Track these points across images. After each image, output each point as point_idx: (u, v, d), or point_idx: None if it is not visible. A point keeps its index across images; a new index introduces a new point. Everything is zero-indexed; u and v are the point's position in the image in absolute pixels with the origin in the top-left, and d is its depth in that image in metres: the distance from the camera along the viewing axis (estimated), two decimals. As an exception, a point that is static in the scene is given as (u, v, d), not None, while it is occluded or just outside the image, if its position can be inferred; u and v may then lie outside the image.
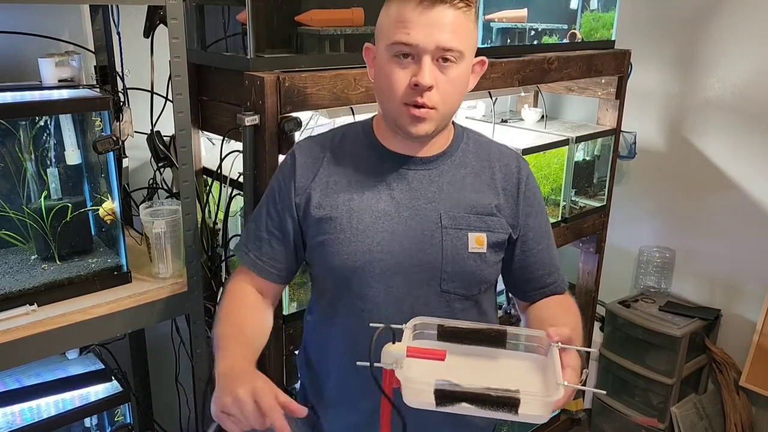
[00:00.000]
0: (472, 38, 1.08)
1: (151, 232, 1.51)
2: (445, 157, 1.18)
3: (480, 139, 1.25)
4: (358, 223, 1.13)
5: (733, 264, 2.56)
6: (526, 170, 1.22)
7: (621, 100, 2.34)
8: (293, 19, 1.51)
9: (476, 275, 1.15)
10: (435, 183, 1.15)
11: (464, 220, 1.14)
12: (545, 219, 1.25)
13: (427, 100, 1.04)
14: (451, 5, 1.02)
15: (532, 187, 1.22)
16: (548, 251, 1.24)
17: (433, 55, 1.03)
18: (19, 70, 1.62)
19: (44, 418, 1.43)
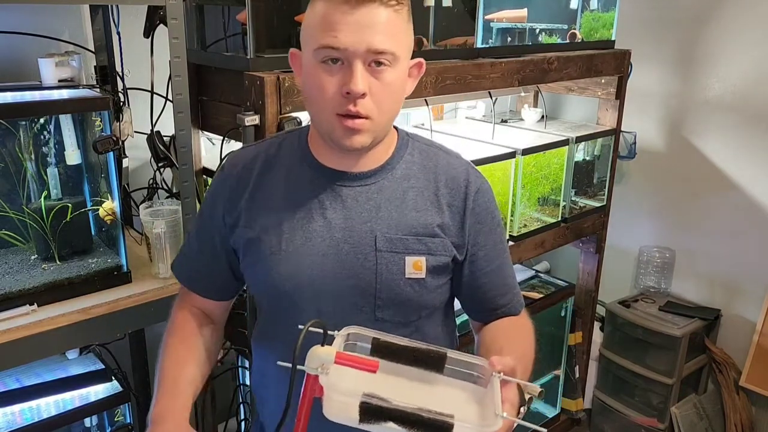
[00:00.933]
0: (407, 39, 0.98)
1: (151, 232, 1.51)
2: (384, 171, 1.06)
3: (427, 149, 1.11)
4: (287, 245, 1.03)
5: (733, 264, 2.56)
6: (476, 183, 1.09)
7: (621, 100, 2.34)
8: (293, 19, 1.51)
9: (413, 302, 1.04)
10: (372, 200, 1.04)
11: (401, 242, 1.03)
12: (500, 236, 1.13)
13: (361, 108, 0.94)
14: (381, 3, 0.92)
15: (484, 201, 1.09)
16: (501, 270, 1.13)
17: (365, 59, 0.93)
18: (19, 70, 1.62)
19: (44, 418, 1.43)
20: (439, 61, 1.71)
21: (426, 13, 1.72)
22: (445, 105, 2.46)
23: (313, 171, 1.06)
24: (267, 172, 1.08)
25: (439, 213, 1.06)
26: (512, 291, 1.15)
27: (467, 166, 1.12)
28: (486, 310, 1.14)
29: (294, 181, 1.06)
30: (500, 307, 1.14)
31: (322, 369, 0.81)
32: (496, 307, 1.14)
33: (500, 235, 1.14)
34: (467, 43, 1.83)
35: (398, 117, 1.07)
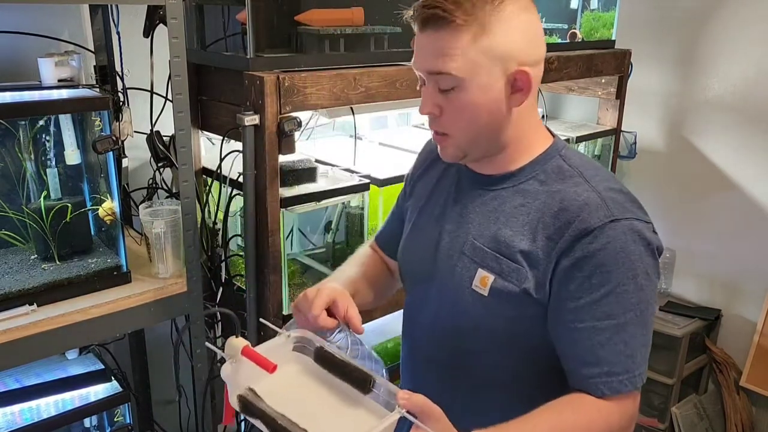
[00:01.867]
0: (477, 56, 0.92)
1: (151, 232, 1.51)
2: (507, 180, 1.03)
3: (567, 170, 1.00)
4: (417, 220, 1.15)
5: (734, 264, 2.56)
6: (592, 223, 0.93)
7: (621, 100, 2.34)
8: (293, 18, 1.51)
9: (470, 317, 1.02)
10: (484, 206, 1.05)
11: (482, 253, 1.01)
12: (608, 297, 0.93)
13: (436, 126, 1.00)
14: (438, 26, 0.92)
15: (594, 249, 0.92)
16: (593, 335, 0.94)
17: (430, 81, 0.97)
18: (18, 70, 1.62)
19: (44, 418, 1.42)
20: (439, 61, 1.71)
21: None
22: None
23: (459, 165, 1.11)
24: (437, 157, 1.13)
25: (531, 240, 0.97)
26: (601, 367, 0.93)
27: (596, 201, 0.95)
28: (568, 371, 0.98)
29: (449, 168, 1.14)
30: (581, 378, 0.95)
31: (233, 358, 0.89)
32: (576, 376, 0.96)
33: (611, 294, 0.93)
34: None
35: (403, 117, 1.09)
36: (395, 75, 1.59)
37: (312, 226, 1.96)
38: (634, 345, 0.94)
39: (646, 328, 0.96)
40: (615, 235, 0.92)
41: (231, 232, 1.70)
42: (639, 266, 0.93)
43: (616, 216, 0.93)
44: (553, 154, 1.03)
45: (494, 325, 1.01)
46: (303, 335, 0.96)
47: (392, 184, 1.69)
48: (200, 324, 1.56)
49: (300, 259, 1.89)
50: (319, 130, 2.00)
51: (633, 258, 0.93)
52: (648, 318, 0.96)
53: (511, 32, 0.93)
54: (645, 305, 0.95)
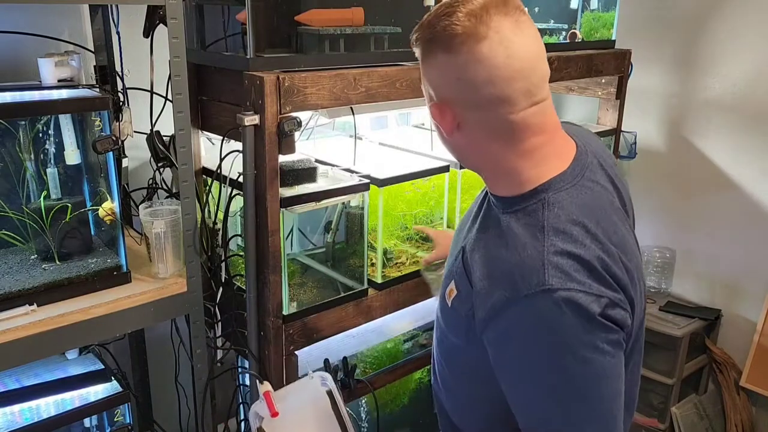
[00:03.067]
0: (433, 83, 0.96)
1: (151, 232, 1.51)
2: (503, 205, 0.97)
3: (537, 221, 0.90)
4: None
5: (734, 264, 2.56)
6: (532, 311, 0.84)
7: (621, 100, 2.34)
8: (293, 18, 1.51)
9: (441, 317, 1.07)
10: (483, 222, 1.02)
11: (459, 268, 0.99)
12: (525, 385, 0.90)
13: None
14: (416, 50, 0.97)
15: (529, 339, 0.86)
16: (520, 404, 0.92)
17: None
18: (18, 70, 1.62)
19: (44, 418, 1.42)
20: (439, 61, 1.71)
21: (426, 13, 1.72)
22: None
23: None
24: None
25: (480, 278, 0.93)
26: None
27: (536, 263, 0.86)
28: None
29: None
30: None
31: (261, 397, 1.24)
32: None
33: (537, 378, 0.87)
34: (467, 43, 1.83)
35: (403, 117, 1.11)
36: (395, 75, 1.59)
37: (312, 226, 1.96)
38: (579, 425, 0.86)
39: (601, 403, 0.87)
40: (546, 306, 0.83)
41: (231, 232, 1.70)
42: (575, 340, 0.84)
43: (551, 285, 0.83)
44: (539, 195, 0.93)
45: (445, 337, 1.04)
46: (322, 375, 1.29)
47: (392, 184, 1.69)
48: (200, 324, 1.56)
49: (300, 259, 1.89)
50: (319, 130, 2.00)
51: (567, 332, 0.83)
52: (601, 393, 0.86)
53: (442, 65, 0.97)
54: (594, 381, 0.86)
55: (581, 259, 0.86)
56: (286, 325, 1.58)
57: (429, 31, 0.91)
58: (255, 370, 1.63)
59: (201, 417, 1.70)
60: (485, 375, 0.95)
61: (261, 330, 1.59)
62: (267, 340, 1.58)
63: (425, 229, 1.72)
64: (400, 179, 1.70)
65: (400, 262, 1.83)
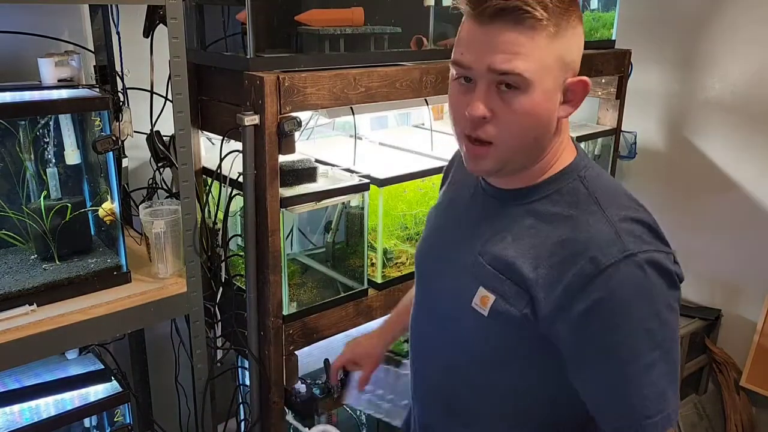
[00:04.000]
0: (548, 59, 0.85)
1: (151, 232, 1.51)
2: (521, 197, 0.97)
3: (583, 195, 0.92)
4: (433, 224, 1.15)
5: (734, 264, 2.56)
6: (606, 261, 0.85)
7: (621, 100, 2.34)
8: (293, 18, 1.51)
9: (469, 335, 0.99)
10: (495, 220, 0.98)
11: (485, 271, 0.95)
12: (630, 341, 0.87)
13: (482, 133, 0.88)
14: (513, 21, 0.83)
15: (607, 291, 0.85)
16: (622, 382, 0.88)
17: (490, 80, 0.86)
18: (18, 70, 1.61)
19: (44, 418, 1.42)
20: (440, 61, 1.71)
21: (426, 14, 1.72)
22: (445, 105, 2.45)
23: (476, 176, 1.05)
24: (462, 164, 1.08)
25: (533, 268, 0.91)
26: (634, 415, 0.87)
27: (609, 233, 0.87)
28: (594, 414, 0.94)
29: (467, 177, 1.08)
30: (609, 421, 0.91)
31: None
32: (605, 420, 0.92)
33: (632, 335, 0.86)
34: (467, 43, 1.83)
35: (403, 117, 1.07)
36: (395, 75, 1.59)
37: (312, 226, 1.96)
38: (663, 384, 0.88)
39: (675, 364, 0.89)
40: (631, 271, 0.85)
41: (231, 232, 1.70)
42: (661, 300, 0.87)
43: (630, 250, 0.86)
44: (572, 174, 0.95)
45: (489, 344, 0.97)
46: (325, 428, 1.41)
47: (392, 184, 1.69)
48: (200, 324, 1.56)
49: (300, 259, 1.89)
50: (319, 130, 2.00)
51: (653, 293, 0.86)
52: (675, 353, 0.89)
53: (575, 40, 0.88)
54: (671, 341, 0.88)
55: (643, 222, 0.90)
56: (286, 325, 1.58)
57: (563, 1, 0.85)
58: (255, 370, 1.63)
59: (201, 417, 1.70)
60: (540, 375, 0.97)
61: (261, 330, 1.59)
62: (267, 340, 1.58)
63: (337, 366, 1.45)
64: (400, 179, 1.71)
65: (400, 262, 1.84)
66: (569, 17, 0.86)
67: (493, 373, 1.00)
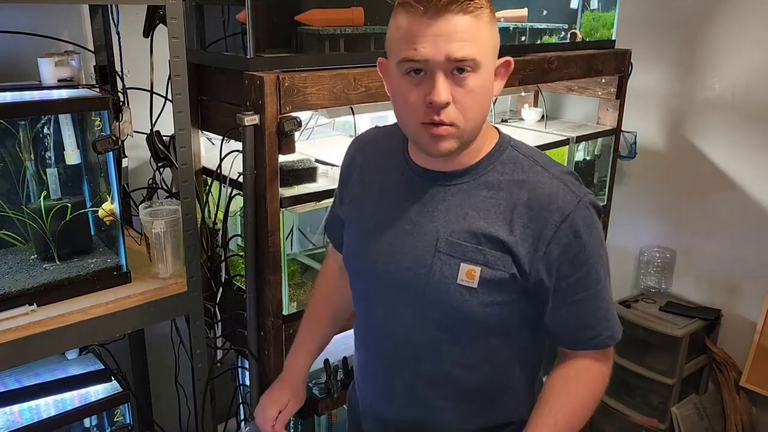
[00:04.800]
0: (489, 42, 0.97)
1: (151, 232, 1.51)
2: (468, 175, 1.06)
3: (523, 160, 1.07)
4: (365, 227, 1.14)
5: (734, 264, 2.56)
6: (567, 207, 1.01)
7: (621, 99, 2.34)
8: (293, 18, 1.51)
9: (461, 310, 1.04)
10: (446, 202, 1.06)
11: (460, 248, 1.03)
12: (593, 266, 1.04)
13: (445, 117, 0.96)
14: (461, 11, 0.93)
15: (574, 229, 1.01)
16: (591, 302, 1.06)
17: (446, 68, 0.94)
18: (18, 70, 1.62)
19: (44, 418, 1.42)
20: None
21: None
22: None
23: (405, 164, 1.12)
24: (375, 155, 1.18)
25: (508, 231, 1.02)
26: (601, 324, 1.08)
27: (561, 187, 1.03)
28: (568, 340, 1.10)
29: (390, 169, 1.14)
30: (584, 340, 1.09)
31: None
32: (580, 340, 1.09)
33: (594, 264, 1.04)
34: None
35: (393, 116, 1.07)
36: (395, 75, 1.59)
37: (312, 226, 1.96)
38: (611, 297, 1.09)
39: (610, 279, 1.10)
40: (584, 213, 1.03)
41: (231, 232, 1.70)
42: (601, 233, 1.07)
43: (579, 196, 1.03)
44: (504, 146, 1.08)
45: (486, 312, 1.05)
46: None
47: (392, 184, 1.69)
48: (200, 324, 1.56)
49: (300, 259, 1.89)
50: (319, 130, 2.00)
51: (598, 227, 1.06)
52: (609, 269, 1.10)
53: (496, 24, 1.00)
54: (608, 259, 1.09)
55: (573, 173, 1.08)
56: (286, 325, 1.58)
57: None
58: (255, 370, 1.63)
59: (201, 417, 1.70)
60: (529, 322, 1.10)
61: (261, 330, 1.59)
62: (267, 340, 1.58)
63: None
64: (400, 179, 1.70)
65: (400, 262, 1.83)
66: (493, 7, 0.98)
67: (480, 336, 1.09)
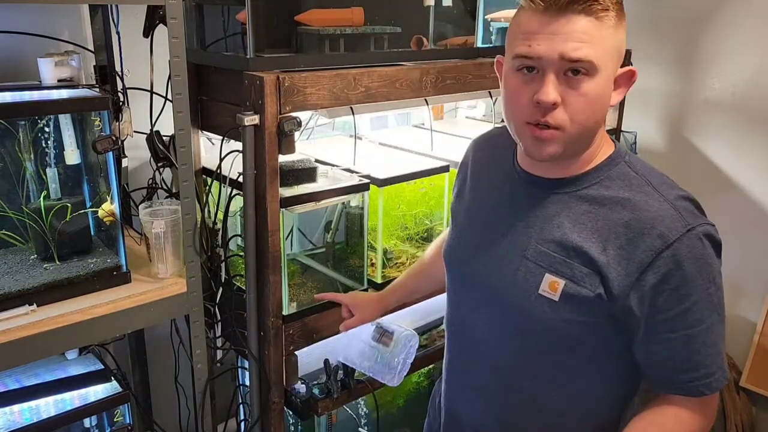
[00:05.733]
0: (610, 48, 0.93)
1: (151, 232, 1.50)
2: (572, 184, 1.02)
3: (634, 178, 1.01)
4: (465, 222, 1.16)
5: (734, 264, 2.56)
6: (673, 235, 0.94)
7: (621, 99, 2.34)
8: (293, 18, 1.51)
9: (539, 322, 1.02)
10: (545, 209, 1.03)
11: (548, 257, 1.01)
12: (696, 303, 0.96)
13: (551, 119, 0.93)
14: (583, 11, 0.90)
15: (678, 259, 0.94)
16: (688, 343, 0.97)
17: (559, 68, 0.92)
18: (18, 70, 1.62)
19: (44, 418, 1.42)
20: (439, 61, 1.71)
21: (426, 13, 1.72)
22: (445, 105, 2.45)
23: (513, 166, 1.11)
24: (488, 156, 1.19)
25: (601, 249, 0.97)
26: (698, 370, 0.98)
27: (670, 212, 0.96)
28: (658, 381, 1.03)
29: (499, 169, 1.13)
30: (675, 382, 1.00)
31: None
32: (670, 382, 1.01)
33: (698, 301, 0.95)
34: (467, 43, 1.83)
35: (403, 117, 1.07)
36: (395, 75, 1.59)
37: (312, 226, 1.96)
38: (720, 343, 0.99)
39: (724, 323, 1.00)
40: (693, 244, 0.94)
41: (231, 232, 1.70)
42: (716, 268, 0.97)
43: (691, 224, 0.95)
44: (617, 160, 1.03)
45: (564, 329, 1.01)
46: None
47: (392, 184, 1.69)
48: (200, 324, 1.56)
49: (300, 259, 1.89)
50: (319, 130, 2.00)
51: (710, 262, 0.96)
52: (724, 313, 1.00)
53: (624, 33, 0.97)
54: (722, 303, 0.99)
55: (691, 199, 1.00)
56: (286, 325, 1.58)
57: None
58: (255, 370, 1.63)
59: (201, 417, 1.70)
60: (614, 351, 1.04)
61: (261, 330, 1.59)
62: (267, 340, 1.58)
63: (335, 296, 1.53)
64: (400, 179, 1.71)
65: (400, 262, 1.84)
66: (622, 12, 0.95)
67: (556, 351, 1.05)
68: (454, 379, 1.23)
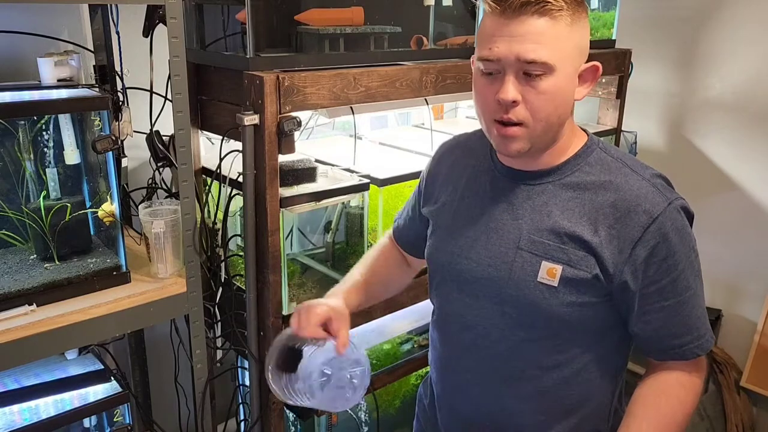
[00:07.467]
0: (569, 45, 0.97)
1: (151, 232, 1.50)
2: (553, 174, 1.07)
3: (611, 162, 1.07)
4: (449, 223, 1.17)
5: (734, 264, 2.56)
6: (655, 210, 1.00)
7: (621, 99, 2.34)
8: (293, 18, 1.51)
9: (540, 308, 1.05)
10: (531, 200, 1.07)
11: (542, 246, 1.05)
12: (683, 271, 1.02)
13: (513, 115, 0.98)
14: (536, 12, 0.93)
15: (663, 231, 1.00)
16: (680, 309, 1.04)
17: (518, 69, 0.96)
18: (18, 70, 1.62)
19: (43, 418, 1.42)
20: (439, 61, 1.71)
21: (426, 13, 1.72)
22: (445, 104, 2.45)
23: (491, 163, 1.15)
24: (464, 157, 1.20)
25: (593, 231, 1.02)
26: (691, 333, 1.05)
27: (650, 189, 1.02)
28: (655, 349, 1.08)
29: (477, 167, 1.16)
30: (671, 348, 1.06)
31: None
32: (667, 348, 1.07)
33: (683, 270, 1.02)
34: (467, 43, 1.83)
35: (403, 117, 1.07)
36: (395, 75, 1.59)
37: (312, 226, 1.96)
38: (703, 305, 1.07)
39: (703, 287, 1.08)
40: (674, 216, 1.01)
41: (231, 232, 1.70)
42: (693, 237, 1.05)
43: (669, 199, 1.02)
44: (593, 147, 1.08)
45: (566, 312, 1.05)
46: None
47: (392, 183, 1.69)
48: (199, 324, 1.56)
49: (300, 259, 1.89)
50: (319, 130, 2.00)
51: (689, 231, 1.04)
52: (701, 277, 1.07)
53: (586, 30, 1.00)
54: (700, 268, 1.07)
55: (663, 177, 1.07)
56: (286, 325, 1.58)
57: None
58: (255, 370, 1.63)
59: (201, 417, 1.70)
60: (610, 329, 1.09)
61: (261, 330, 1.59)
62: (267, 340, 1.58)
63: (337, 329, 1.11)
64: (400, 179, 1.70)
65: (400, 262, 1.83)
66: (580, 9, 0.98)
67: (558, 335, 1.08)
68: (450, 378, 1.23)
